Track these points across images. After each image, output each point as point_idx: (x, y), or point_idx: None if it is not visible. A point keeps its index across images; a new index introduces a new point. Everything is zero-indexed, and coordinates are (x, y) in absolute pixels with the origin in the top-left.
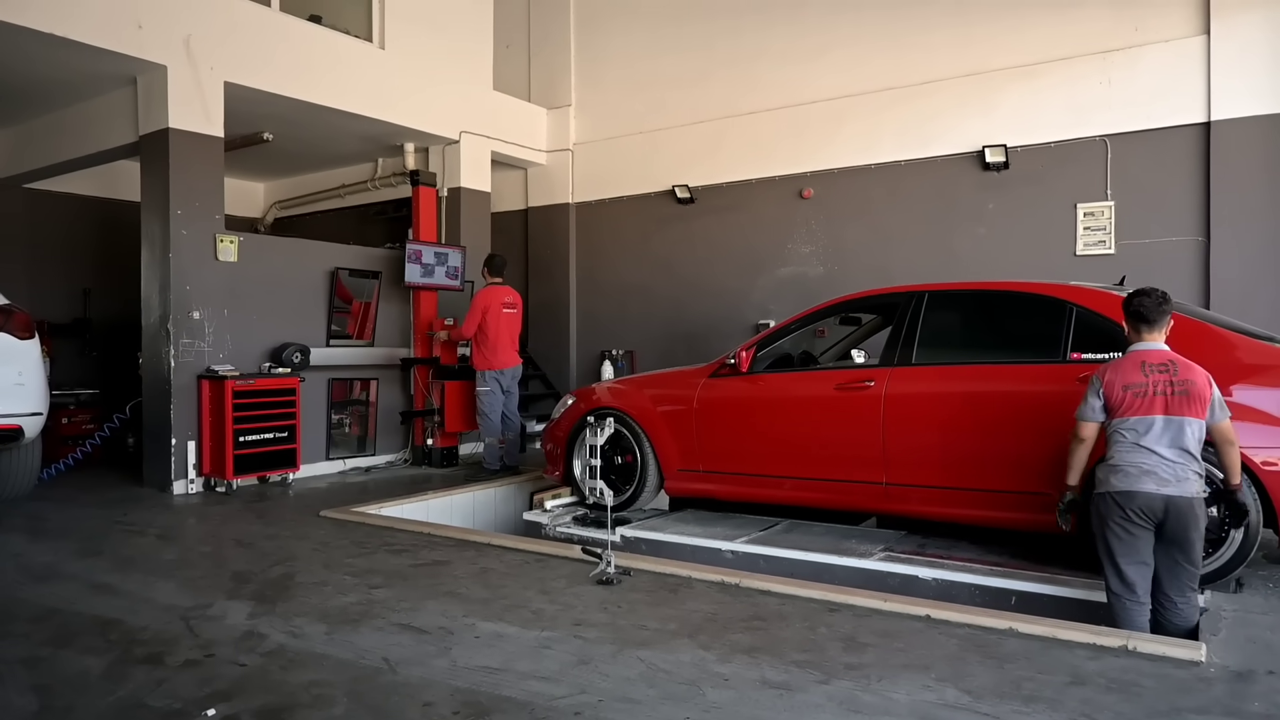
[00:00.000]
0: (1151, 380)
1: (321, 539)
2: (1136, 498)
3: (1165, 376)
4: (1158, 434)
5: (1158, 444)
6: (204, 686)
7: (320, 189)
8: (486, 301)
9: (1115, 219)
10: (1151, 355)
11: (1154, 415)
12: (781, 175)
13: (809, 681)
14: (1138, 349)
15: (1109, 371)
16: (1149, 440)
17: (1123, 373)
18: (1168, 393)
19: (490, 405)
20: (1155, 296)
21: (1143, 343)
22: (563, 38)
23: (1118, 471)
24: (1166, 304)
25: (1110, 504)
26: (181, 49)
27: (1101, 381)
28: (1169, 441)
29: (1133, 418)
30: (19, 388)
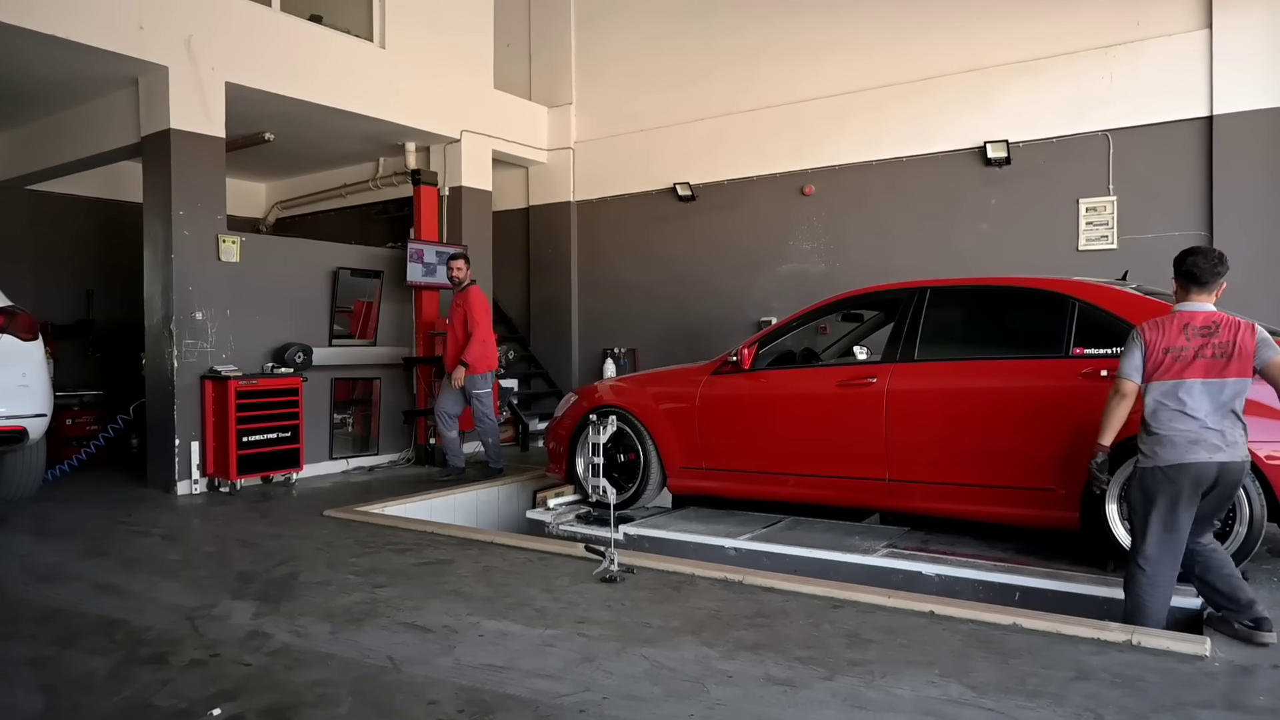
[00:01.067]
0: (1193, 344)
1: (325, 538)
2: (1189, 470)
3: (1207, 339)
4: (1199, 398)
5: (1200, 409)
6: (209, 686)
7: (322, 189)
8: (484, 299)
9: (1117, 214)
10: (1196, 317)
11: (1193, 379)
12: (782, 172)
13: (813, 678)
14: (1183, 309)
15: (1151, 330)
16: (1192, 406)
17: (1166, 334)
18: (1208, 355)
19: (490, 405)
20: (1211, 257)
21: (1190, 303)
22: (563, 36)
23: (1164, 443)
24: (1222, 265)
25: (1159, 478)
26: (183, 49)
27: (1144, 339)
28: (1212, 406)
29: (1169, 381)
30: (23, 389)
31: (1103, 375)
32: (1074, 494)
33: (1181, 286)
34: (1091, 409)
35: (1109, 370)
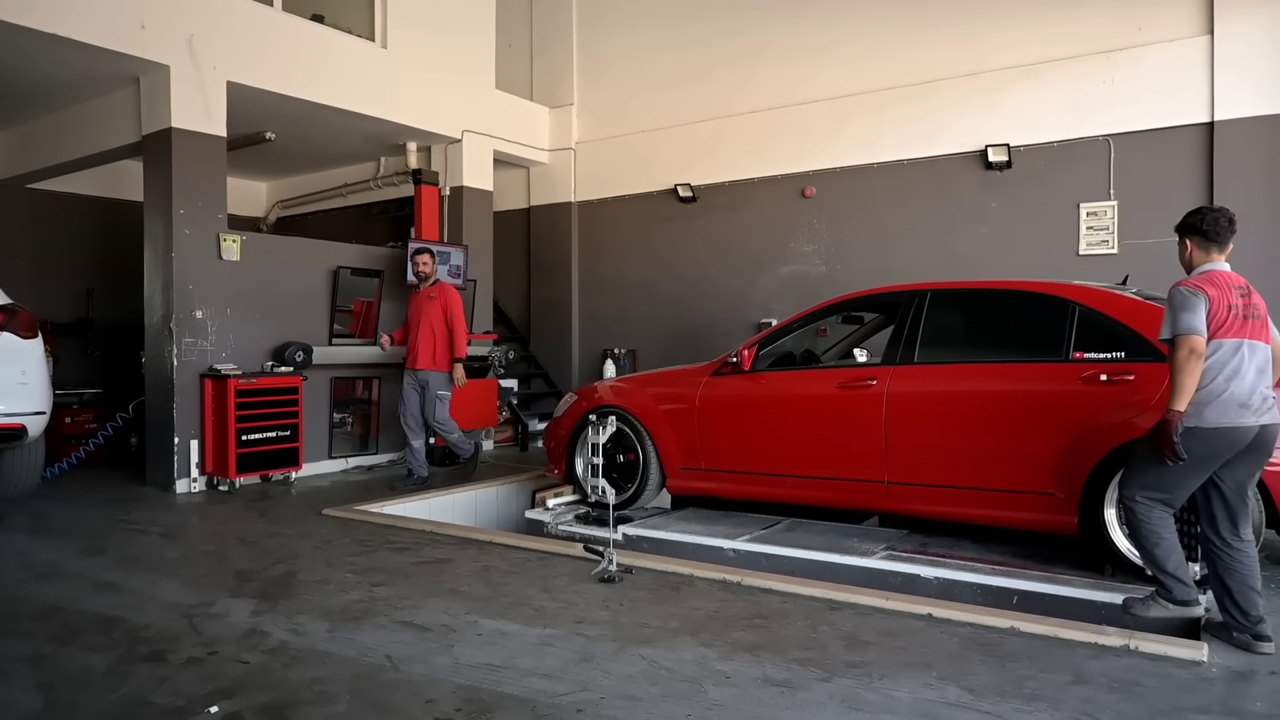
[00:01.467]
0: (1240, 303)
1: (324, 537)
2: (1230, 434)
3: (1247, 300)
4: (1247, 359)
5: (1250, 371)
6: (207, 684)
7: (323, 188)
8: (459, 295)
9: (1118, 219)
10: (1232, 277)
11: (1243, 339)
12: (783, 174)
13: (811, 679)
14: (1216, 269)
15: (1209, 286)
16: (1246, 367)
17: (1223, 290)
18: (1246, 315)
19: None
20: (1226, 214)
21: (1213, 264)
22: (565, 37)
23: (1213, 404)
24: (1234, 225)
25: (1200, 438)
26: (184, 49)
27: (1206, 295)
28: (1257, 367)
29: (1233, 340)
30: (22, 387)
31: (1102, 380)
32: (1073, 498)
33: (1202, 248)
34: (1091, 413)
35: (1109, 374)
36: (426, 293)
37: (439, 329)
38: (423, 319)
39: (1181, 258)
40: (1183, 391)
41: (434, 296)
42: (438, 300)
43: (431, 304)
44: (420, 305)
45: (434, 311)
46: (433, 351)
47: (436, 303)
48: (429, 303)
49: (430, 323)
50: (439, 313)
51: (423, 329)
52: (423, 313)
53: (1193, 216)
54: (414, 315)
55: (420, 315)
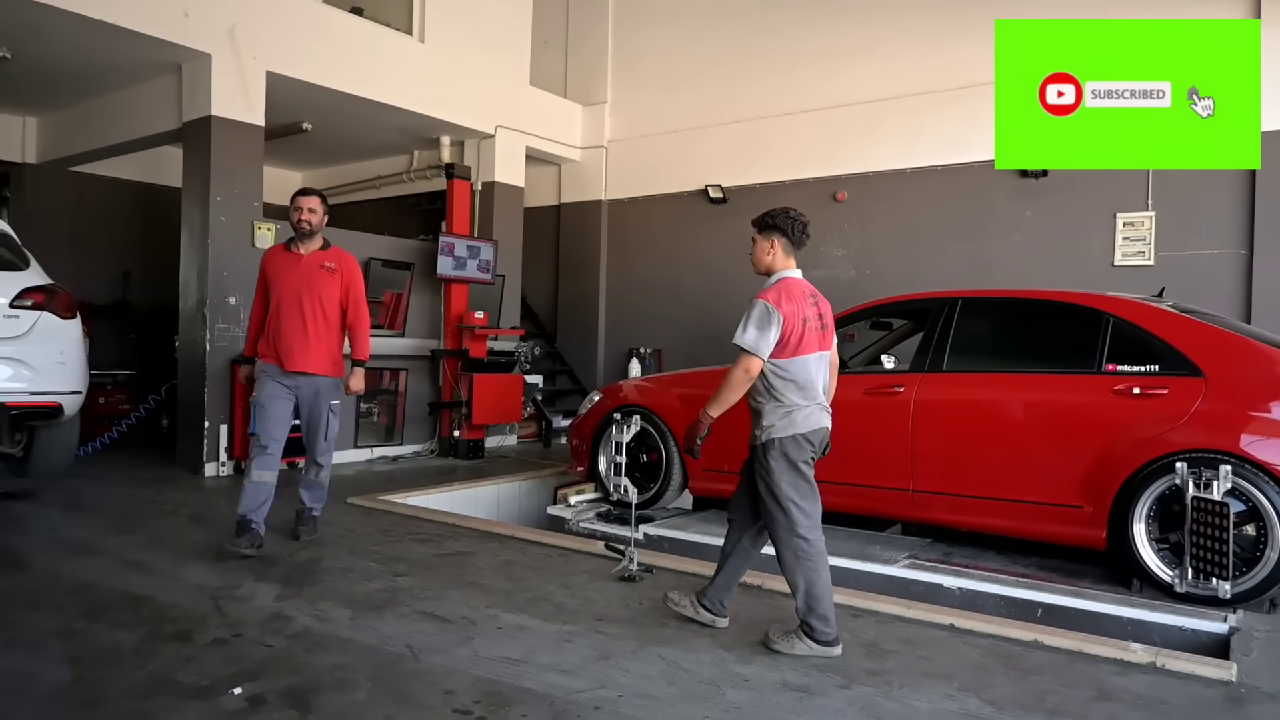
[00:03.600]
0: (812, 313)
1: (348, 525)
2: (820, 434)
3: (815, 309)
4: (820, 369)
5: (820, 378)
6: (231, 665)
7: (356, 179)
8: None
9: (1155, 230)
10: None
11: (815, 352)
12: (815, 178)
13: (829, 686)
14: (793, 277)
15: (787, 303)
16: (818, 376)
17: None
18: (815, 327)
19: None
20: (805, 220)
21: (790, 270)
22: (600, 35)
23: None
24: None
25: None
26: (226, 38)
27: (782, 315)
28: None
29: (811, 355)
30: (60, 366)
31: (1135, 393)
32: (1101, 512)
33: (786, 251)
34: (1122, 427)
35: (1142, 388)
36: (314, 259)
37: (333, 315)
38: (307, 297)
39: (762, 258)
40: (722, 404)
41: (331, 268)
42: (337, 275)
43: (325, 278)
44: (304, 277)
45: (327, 288)
46: (328, 347)
47: (335, 277)
48: (321, 275)
49: (321, 304)
50: (335, 291)
51: (308, 312)
52: (309, 288)
53: (780, 218)
54: (287, 289)
55: (303, 291)
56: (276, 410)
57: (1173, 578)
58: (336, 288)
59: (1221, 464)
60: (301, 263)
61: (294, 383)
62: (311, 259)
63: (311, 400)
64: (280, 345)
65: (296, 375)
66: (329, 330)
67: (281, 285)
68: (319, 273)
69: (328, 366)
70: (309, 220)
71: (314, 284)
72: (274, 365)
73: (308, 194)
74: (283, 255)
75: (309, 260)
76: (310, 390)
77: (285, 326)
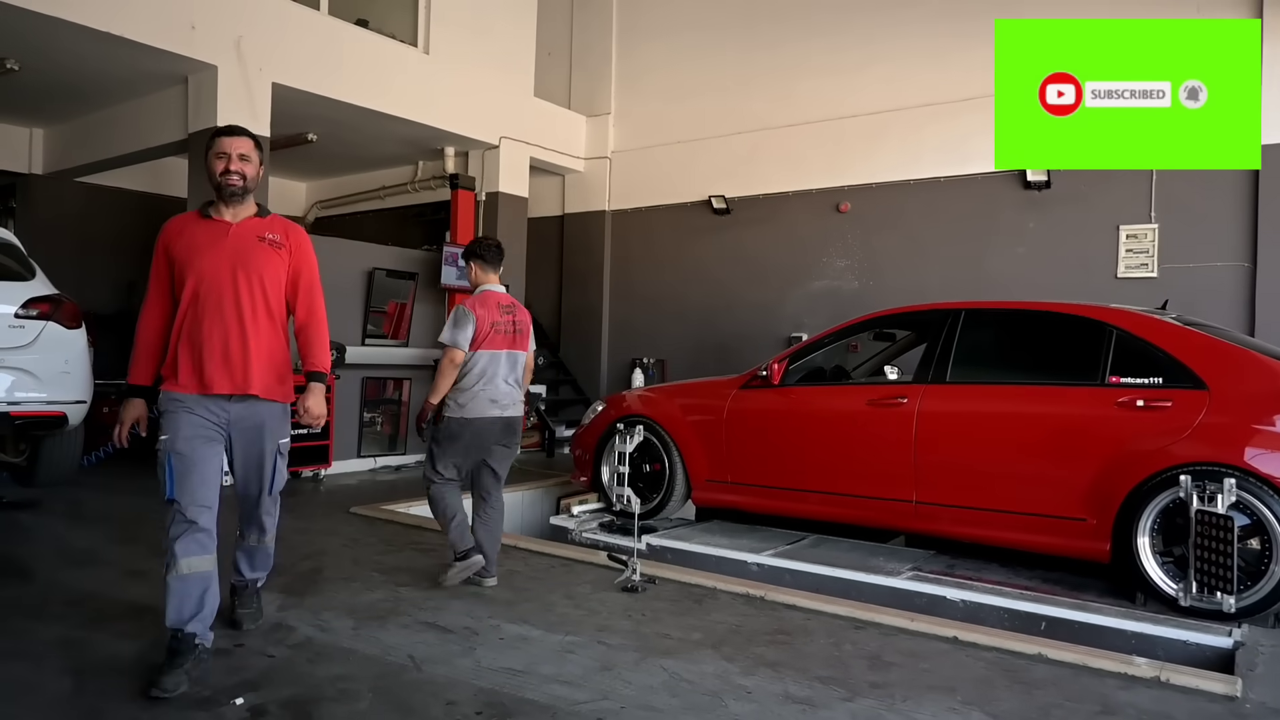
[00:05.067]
0: (504, 320)
1: (351, 535)
2: (485, 423)
3: (507, 317)
4: (503, 366)
5: (500, 375)
6: (233, 675)
7: (361, 190)
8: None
9: (1159, 242)
10: (501, 296)
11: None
12: (818, 188)
13: (832, 698)
14: (490, 290)
15: (480, 307)
16: (497, 372)
17: (489, 310)
18: (507, 330)
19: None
20: (498, 243)
21: (489, 284)
22: (604, 46)
23: (473, 401)
24: (503, 252)
25: (464, 425)
26: (232, 50)
27: (475, 316)
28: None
29: (486, 351)
30: (65, 376)
31: (1138, 405)
32: (1105, 525)
33: (482, 270)
34: (1126, 439)
35: (1145, 400)
36: (250, 228)
37: (278, 308)
38: (244, 282)
39: (468, 278)
40: (437, 390)
41: (275, 241)
42: (284, 251)
43: (267, 256)
44: (236, 255)
45: (270, 270)
46: (273, 356)
47: (279, 255)
48: (261, 252)
49: (264, 292)
50: (280, 274)
51: (245, 305)
52: (245, 269)
53: (476, 246)
54: (211, 273)
55: (235, 274)
56: (203, 461)
57: (1177, 591)
58: (282, 270)
59: (1226, 477)
60: (230, 234)
61: (225, 414)
62: (245, 229)
63: (251, 438)
64: (203, 358)
65: (228, 402)
66: (274, 331)
67: (201, 267)
68: (258, 248)
69: (274, 385)
70: (240, 173)
71: (252, 264)
72: (190, 393)
73: (234, 134)
74: (198, 225)
75: (242, 231)
76: (250, 423)
77: (209, 328)
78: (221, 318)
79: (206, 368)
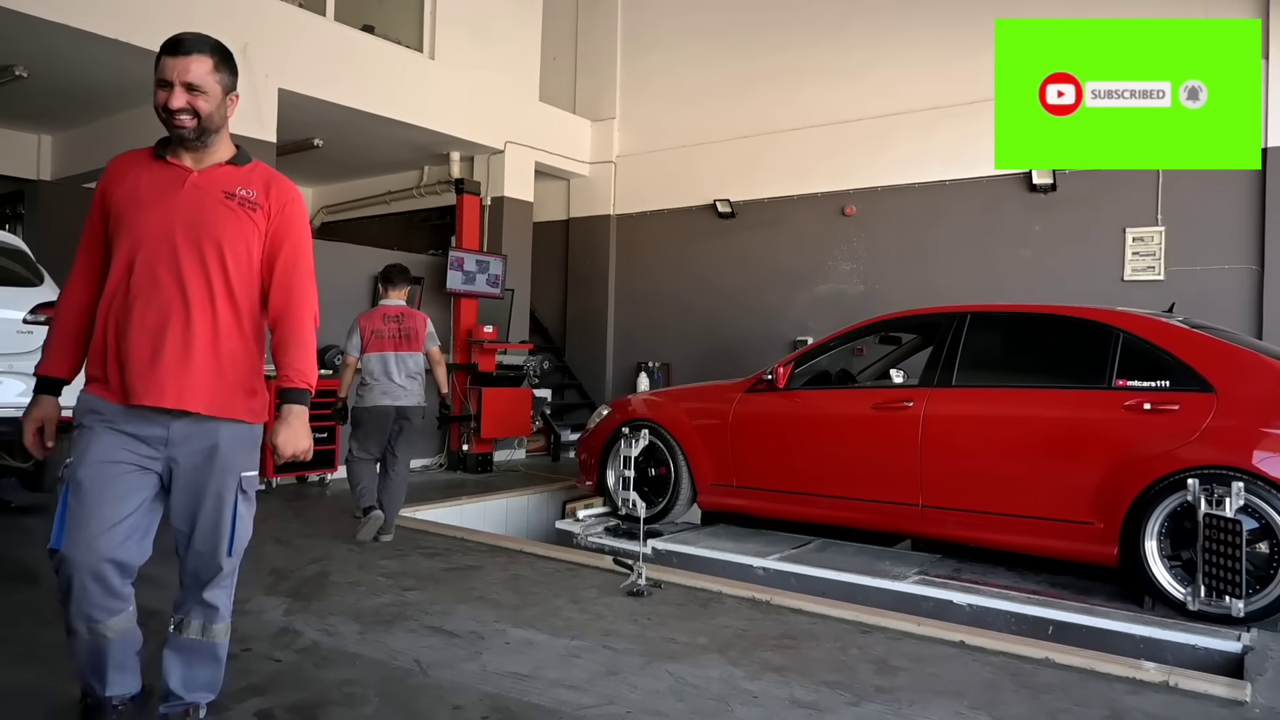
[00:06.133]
0: (388, 328)
1: (357, 539)
2: (380, 410)
3: (394, 325)
4: (391, 365)
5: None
6: (240, 680)
7: (367, 195)
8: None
9: (1165, 245)
10: (390, 309)
11: (386, 352)
12: (824, 192)
13: (839, 703)
14: (385, 304)
15: (364, 320)
16: (386, 370)
17: (371, 320)
18: (392, 335)
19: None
20: (398, 268)
21: (387, 299)
22: (609, 51)
23: (370, 393)
24: (404, 274)
25: (366, 412)
26: (239, 56)
27: (359, 327)
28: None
29: (374, 354)
30: None
31: (1145, 408)
32: (1112, 529)
33: (385, 288)
34: (1133, 442)
35: (1152, 403)
36: (215, 178)
37: (244, 292)
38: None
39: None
40: (341, 385)
41: (248, 199)
42: (261, 214)
43: (232, 218)
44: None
45: (234, 237)
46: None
47: (253, 220)
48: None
49: (223, 267)
50: (253, 244)
51: (191, 283)
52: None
53: (383, 270)
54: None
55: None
56: (115, 499)
57: (1185, 595)
58: (254, 239)
59: (1234, 480)
60: (188, 186)
61: (161, 434)
62: (210, 180)
63: (197, 473)
64: (129, 356)
65: (164, 418)
66: (235, 324)
67: (140, 228)
68: (221, 208)
69: (230, 400)
70: (191, 109)
71: (209, 229)
72: (111, 401)
73: (183, 52)
74: (147, 168)
75: (203, 182)
76: (196, 450)
77: (140, 315)
78: (158, 300)
79: (131, 369)
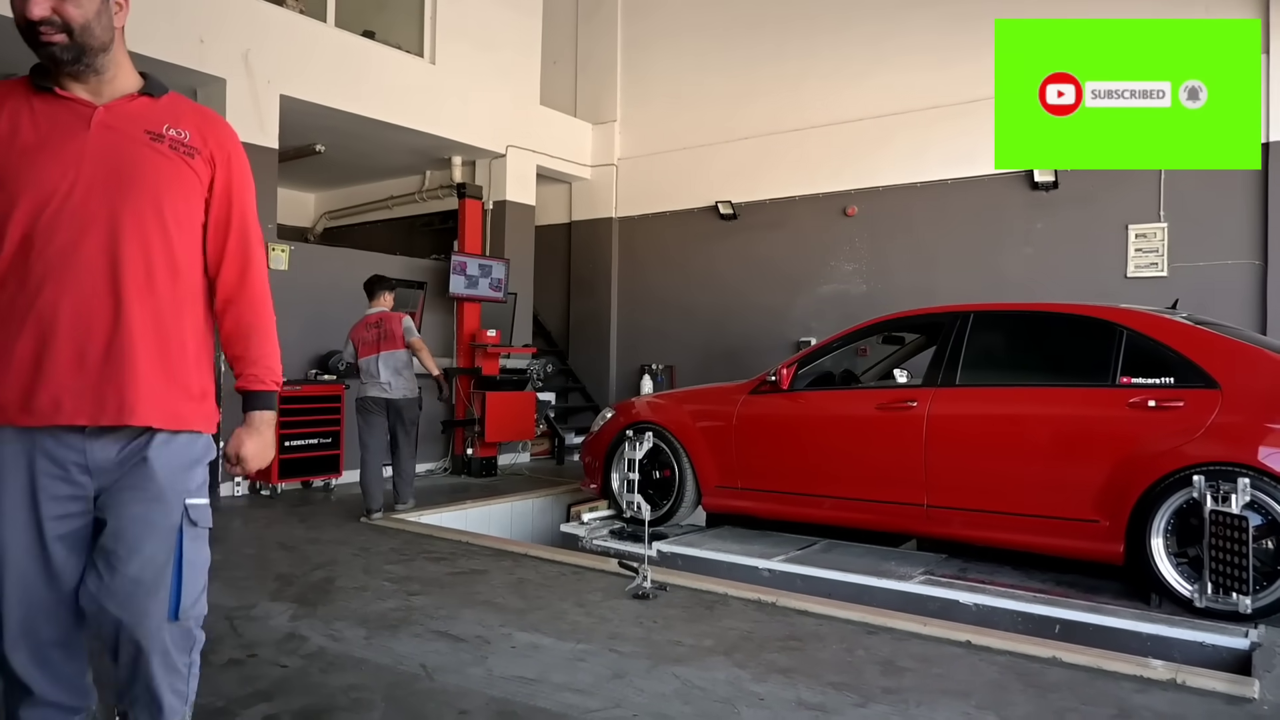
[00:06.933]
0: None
1: (362, 544)
2: (376, 401)
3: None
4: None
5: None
6: (246, 685)
7: (369, 200)
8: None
9: (1168, 241)
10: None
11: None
12: (825, 192)
13: (845, 704)
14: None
15: (355, 330)
16: (376, 369)
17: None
18: (375, 339)
19: None
20: (376, 278)
21: (372, 307)
22: (609, 54)
23: (368, 387)
24: (384, 282)
25: (368, 403)
26: (240, 63)
27: (350, 338)
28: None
29: (366, 357)
30: None
31: (1150, 405)
32: (1118, 526)
33: (369, 298)
34: (1138, 440)
35: (1157, 400)
36: (129, 112)
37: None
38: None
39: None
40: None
41: (181, 142)
42: (200, 160)
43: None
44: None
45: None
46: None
47: (189, 167)
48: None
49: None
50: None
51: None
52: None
53: (366, 281)
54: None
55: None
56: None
57: (1192, 592)
58: (198, 194)
59: (1240, 477)
60: (95, 125)
61: (79, 461)
62: (122, 115)
63: (132, 508)
64: (42, 355)
65: (85, 439)
66: (183, 308)
67: (39, 185)
68: (147, 153)
69: (178, 404)
70: (58, 21)
71: (136, 178)
72: (14, 423)
73: None
74: (27, 102)
75: (114, 120)
76: (132, 478)
77: (51, 299)
78: (74, 282)
79: (47, 374)
